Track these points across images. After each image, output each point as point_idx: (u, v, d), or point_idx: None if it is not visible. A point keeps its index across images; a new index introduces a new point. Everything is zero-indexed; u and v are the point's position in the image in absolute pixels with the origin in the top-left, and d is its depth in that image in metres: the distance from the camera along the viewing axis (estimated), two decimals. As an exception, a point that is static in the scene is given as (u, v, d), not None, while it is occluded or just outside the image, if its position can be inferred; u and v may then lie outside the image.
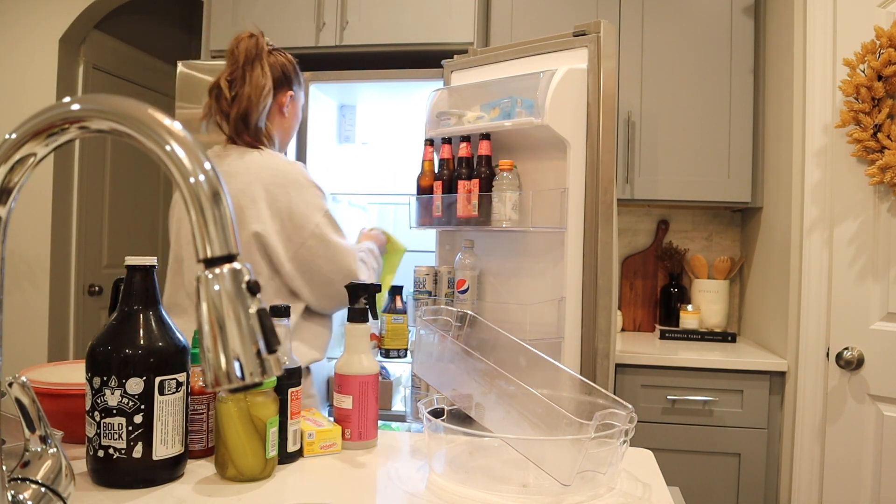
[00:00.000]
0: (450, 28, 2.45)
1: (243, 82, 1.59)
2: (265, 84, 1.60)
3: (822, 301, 1.96)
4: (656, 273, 2.77)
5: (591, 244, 1.83)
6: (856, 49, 1.86)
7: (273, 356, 0.57)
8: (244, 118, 1.59)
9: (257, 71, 1.60)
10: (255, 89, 1.58)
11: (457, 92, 2.07)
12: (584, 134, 1.84)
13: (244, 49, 1.60)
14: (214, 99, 1.62)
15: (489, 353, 1.20)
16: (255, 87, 1.58)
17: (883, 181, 1.81)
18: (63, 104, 0.58)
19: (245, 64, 1.60)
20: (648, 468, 1.07)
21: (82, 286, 3.26)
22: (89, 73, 3.25)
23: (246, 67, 1.60)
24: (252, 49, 1.61)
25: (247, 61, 1.60)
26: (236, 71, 1.60)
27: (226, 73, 1.61)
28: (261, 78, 1.59)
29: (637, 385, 2.15)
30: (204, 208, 0.55)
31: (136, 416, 0.90)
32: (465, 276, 1.94)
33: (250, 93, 1.58)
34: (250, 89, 1.58)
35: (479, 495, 0.93)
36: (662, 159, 2.45)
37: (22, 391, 0.73)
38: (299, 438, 1.07)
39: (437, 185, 1.95)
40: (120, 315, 0.93)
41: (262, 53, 1.62)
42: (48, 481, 0.73)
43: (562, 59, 1.88)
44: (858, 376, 1.89)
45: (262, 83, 1.59)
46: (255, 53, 1.60)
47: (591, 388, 1.09)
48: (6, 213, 0.60)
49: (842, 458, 1.92)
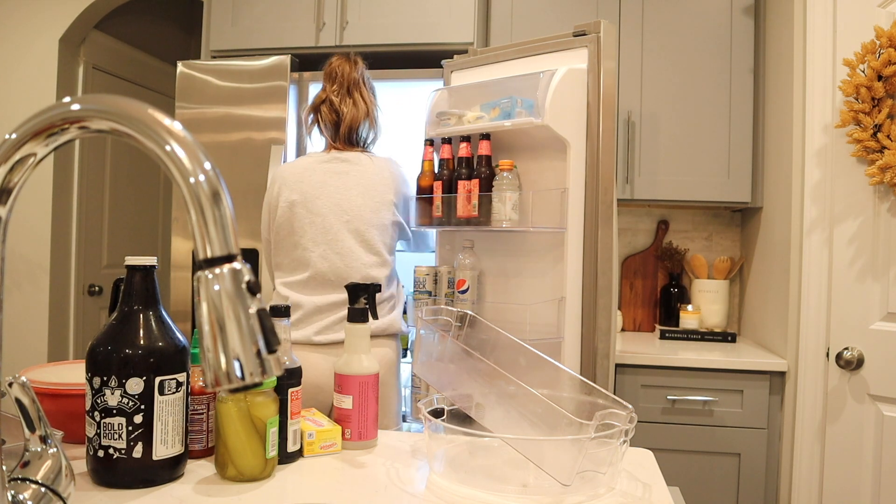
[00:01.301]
0: (450, 28, 2.45)
1: (353, 100, 1.89)
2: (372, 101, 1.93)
3: (822, 301, 1.96)
4: (656, 273, 2.77)
5: (591, 244, 1.83)
6: (856, 49, 1.86)
7: (273, 356, 0.57)
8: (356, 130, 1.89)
9: (364, 92, 1.91)
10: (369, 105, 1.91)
11: (457, 92, 2.07)
12: (584, 134, 1.84)
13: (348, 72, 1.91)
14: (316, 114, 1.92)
15: (489, 353, 1.20)
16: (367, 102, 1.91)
17: (883, 181, 1.81)
18: (63, 104, 0.58)
19: (351, 85, 1.90)
20: (648, 468, 1.07)
21: (82, 286, 3.26)
22: (89, 73, 3.25)
23: (353, 88, 1.89)
24: (356, 70, 1.92)
25: (353, 83, 1.90)
26: (340, 91, 1.90)
27: (332, 89, 1.91)
28: (368, 97, 1.92)
29: (637, 385, 2.15)
30: (204, 208, 0.55)
31: (136, 416, 0.90)
32: (465, 276, 1.94)
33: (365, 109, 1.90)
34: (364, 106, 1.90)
35: (479, 495, 0.93)
36: (662, 159, 2.45)
37: (22, 391, 0.73)
38: (299, 438, 1.07)
39: (437, 185, 1.95)
40: (120, 315, 0.93)
41: (364, 74, 1.93)
42: (48, 481, 0.73)
43: (562, 59, 1.88)
44: (858, 376, 1.89)
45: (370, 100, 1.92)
46: (358, 76, 1.91)
47: (591, 388, 1.09)
48: (6, 213, 0.60)
49: (842, 458, 1.92)
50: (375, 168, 1.86)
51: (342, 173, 1.84)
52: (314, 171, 1.85)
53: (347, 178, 1.84)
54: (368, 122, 1.90)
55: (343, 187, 1.83)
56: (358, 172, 1.84)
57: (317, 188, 1.83)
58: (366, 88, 1.92)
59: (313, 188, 1.83)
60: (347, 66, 1.91)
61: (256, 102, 2.44)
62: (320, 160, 1.87)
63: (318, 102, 1.91)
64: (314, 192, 1.82)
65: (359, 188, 1.83)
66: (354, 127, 1.88)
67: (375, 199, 1.83)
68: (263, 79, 2.45)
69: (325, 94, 1.91)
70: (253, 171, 2.43)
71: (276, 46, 2.55)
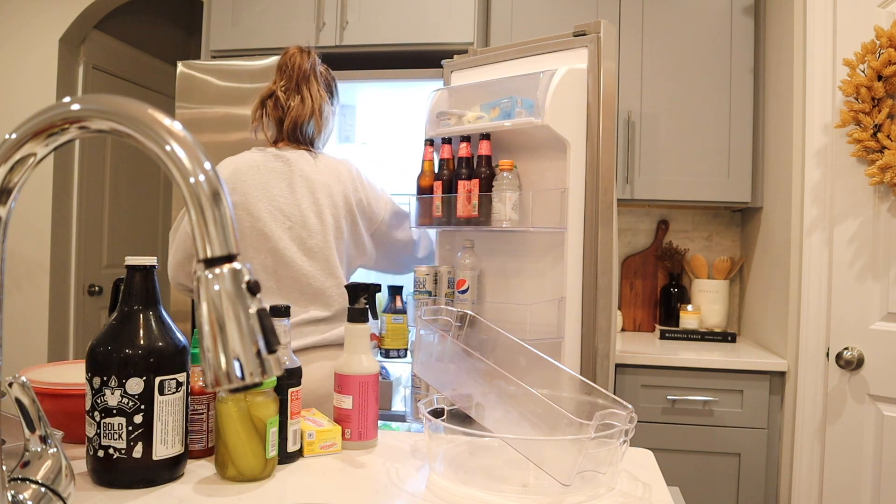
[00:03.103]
0: (450, 28, 2.45)
1: (300, 96, 1.74)
2: (321, 97, 1.76)
3: (822, 301, 1.96)
4: (656, 273, 2.77)
5: (591, 244, 1.83)
6: (856, 49, 1.86)
7: (273, 356, 0.57)
8: (300, 127, 1.74)
9: (314, 86, 1.75)
10: (314, 101, 1.74)
11: (457, 92, 2.07)
12: (584, 134, 1.84)
13: (298, 64, 1.75)
14: (262, 108, 1.77)
15: (489, 353, 1.20)
16: (314, 98, 1.74)
17: (883, 181, 1.81)
18: (63, 104, 0.58)
19: (301, 79, 1.74)
20: (648, 468, 1.07)
21: (82, 286, 3.26)
22: (89, 73, 3.25)
23: (301, 82, 1.74)
24: (307, 63, 1.76)
25: (302, 76, 1.74)
26: (289, 84, 1.74)
27: (280, 84, 1.75)
28: (317, 93, 1.76)
29: (637, 385, 2.15)
30: (204, 208, 0.55)
31: (136, 416, 0.90)
32: (465, 276, 1.94)
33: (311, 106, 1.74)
34: (310, 102, 1.74)
35: (479, 495, 0.93)
36: (662, 159, 2.45)
37: (22, 391, 0.73)
38: (299, 438, 1.07)
39: (437, 185, 1.95)
40: (120, 315, 0.93)
41: (315, 68, 1.78)
42: (48, 481, 0.73)
43: (562, 59, 1.88)
44: (858, 376, 1.89)
45: (319, 96, 1.76)
46: (309, 69, 1.76)
47: (591, 388, 1.09)
48: (6, 213, 0.60)
49: (842, 458, 1.92)
50: (324, 169, 1.73)
51: (284, 174, 1.69)
52: (257, 169, 1.69)
53: (291, 180, 1.69)
54: (314, 119, 1.74)
55: (286, 190, 1.68)
56: (303, 174, 1.70)
57: (258, 189, 1.67)
58: (317, 83, 1.76)
59: (254, 189, 1.68)
60: (299, 59, 1.76)
61: (256, 102, 2.43)
62: (264, 158, 1.72)
63: (266, 96, 1.77)
64: (255, 194, 1.67)
65: (303, 191, 1.68)
66: (299, 123, 1.73)
67: (322, 203, 1.69)
68: (263, 79, 2.45)
69: (273, 88, 1.77)
70: (253, 171, 2.42)
71: (276, 46, 2.55)
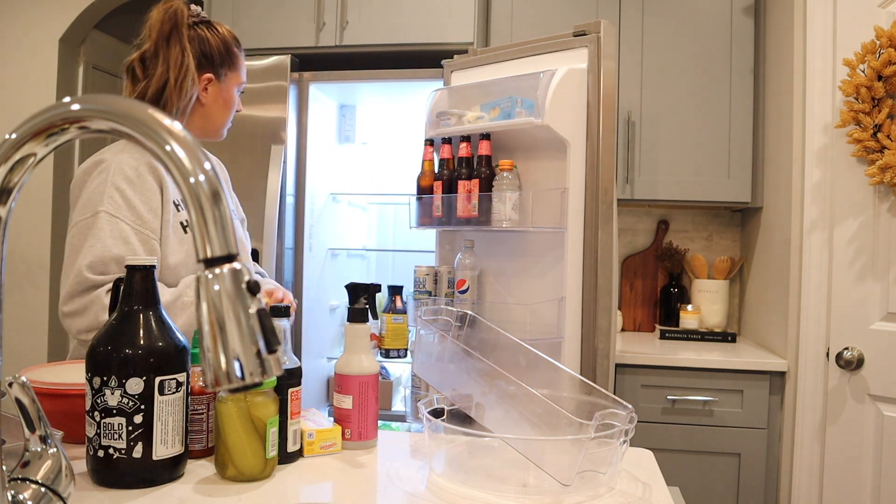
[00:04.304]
0: (450, 28, 2.45)
1: (156, 61, 1.35)
2: (184, 62, 1.35)
3: (822, 301, 1.96)
4: (656, 273, 2.77)
5: (591, 244, 1.83)
6: (856, 49, 1.86)
7: (273, 356, 0.57)
8: (156, 104, 1.34)
9: (174, 49, 1.35)
10: (171, 69, 1.34)
11: (457, 92, 2.07)
12: (584, 134, 1.84)
13: (158, 21, 1.36)
14: (130, 80, 1.39)
15: (489, 353, 1.20)
16: (171, 66, 1.34)
17: (883, 181, 1.80)
18: (63, 104, 0.58)
19: (160, 39, 1.35)
20: (648, 468, 1.07)
21: (82, 286, 3.25)
22: (89, 73, 3.25)
23: (160, 44, 1.35)
24: (168, 22, 1.35)
25: (161, 36, 1.36)
26: (149, 48, 1.36)
27: (141, 49, 1.38)
28: (178, 56, 1.35)
29: (637, 385, 2.15)
30: (204, 208, 0.55)
31: (136, 416, 0.90)
32: (465, 276, 1.94)
33: (163, 74, 1.34)
34: (164, 69, 1.34)
35: (479, 495, 0.93)
36: (662, 159, 2.45)
37: (22, 391, 0.73)
38: (299, 438, 1.07)
39: (437, 185, 1.95)
40: (120, 315, 0.93)
41: (181, 26, 1.36)
42: (48, 481, 0.73)
43: (562, 59, 1.87)
44: (858, 376, 1.89)
45: (180, 61, 1.35)
46: (170, 27, 1.36)
47: (591, 388, 1.09)
48: (6, 213, 0.60)
49: (842, 458, 1.92)
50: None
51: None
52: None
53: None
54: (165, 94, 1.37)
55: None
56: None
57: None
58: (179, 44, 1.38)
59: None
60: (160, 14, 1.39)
61: (256, 102, 2.44)
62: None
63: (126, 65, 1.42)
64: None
65: None
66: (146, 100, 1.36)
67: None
68: (263, 79, 2.45)
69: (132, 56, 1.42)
70: (253, 171, 2.43)
71: (276, 46, 2.55)
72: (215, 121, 1.48)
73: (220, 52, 1.44)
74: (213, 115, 1.47)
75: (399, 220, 3.01)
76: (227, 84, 1.47)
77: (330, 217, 2.73)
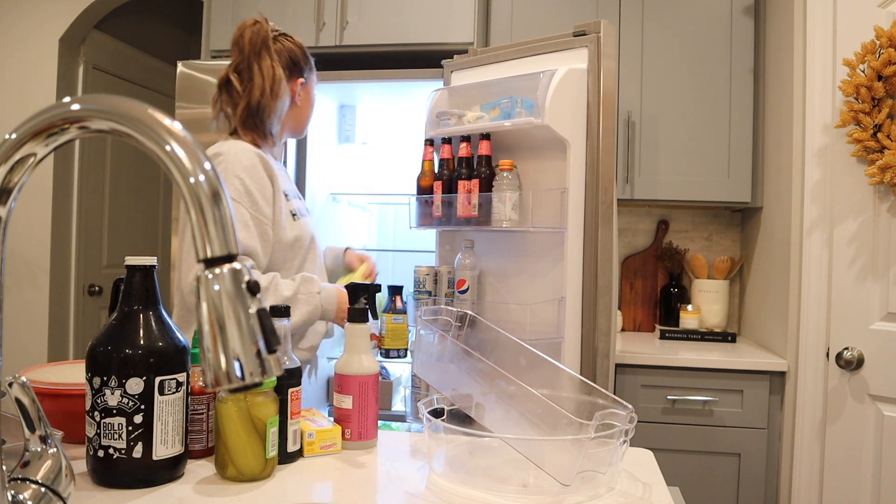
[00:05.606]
0: (450, 28, 2.45)
1: (251, 73, 1.54)
2: (276, 73, 1.55)
3: (822, 301, 1.96)
4: (656, 273, 2.77)
5: (591, 244, 1.83)
6: (856, 49, 1.86)
7: (273, 356, 0.57)
8: (256, 111, 1.55)
9: (266, 61, 1.55)
10: (266, 80, 1.54)
11: (457, 92, 2.07)
12: (584, 134, 1.84)
13: (249, 39, 1.56)
14: (226, 92, 1.58)
15: (489, 353, 1.20)
16: (265, 77, 1.54)
17: (883, 181, 1.80)
18: (63, 104, 0.58)
19: (251, 54, 1.55)
20: (648, 468, 1.07)
21: (82, 286, 3.26)
22: (89, 73, 3.25)
23: (252, 57, 1.55)
24: (258, 38, 1.56)
25: (253, 51, 1.55)
26: (242, 62, 1.56)
27: (232, 64, 1.57)
28: (270, 68, 1.55)
29: (637, 385, 2.15)
30: (204, 208, 0.55)
31: (136, 416, 0.90)
32: (465, 276, 1.94)
33: (262, 84, 1.54)
34: (261, 80, 1.54)
35: (479, 495, 0.93)
36: (662, 159, 2.45)
37: (22, 391, 0.73)
38: (299, 438, 1.07)
39: (437, 185, 1.95)
40: (120, 315, 0.93)
41: (268, 41, 1.57)
42: (48, 481, 0.73)
43: (562, 59, 1.87)
44: (858, 376, 1.89)
45: (272, 73, 1.55)
46: (260, 42, 1.55)
47: (591, 388, 1.09)
48: (6, 213, 0.60)
49: (842, 458, 1.92)
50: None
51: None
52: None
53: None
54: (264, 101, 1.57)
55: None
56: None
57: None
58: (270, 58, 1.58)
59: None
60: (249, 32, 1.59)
61: (256, 102, 2.43)
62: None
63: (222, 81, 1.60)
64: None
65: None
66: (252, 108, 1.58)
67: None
68: (263, 79, 2.45)
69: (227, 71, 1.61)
70: (253, 171, 2.42)
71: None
72: (304, 119, 1.72)
73: (303, 59, 1.67)
74: (304, 114, 1.71)
75: (399, 220, 3.01)
76: (311, 85, 1.71)
77: (330, 217, 2.73)
